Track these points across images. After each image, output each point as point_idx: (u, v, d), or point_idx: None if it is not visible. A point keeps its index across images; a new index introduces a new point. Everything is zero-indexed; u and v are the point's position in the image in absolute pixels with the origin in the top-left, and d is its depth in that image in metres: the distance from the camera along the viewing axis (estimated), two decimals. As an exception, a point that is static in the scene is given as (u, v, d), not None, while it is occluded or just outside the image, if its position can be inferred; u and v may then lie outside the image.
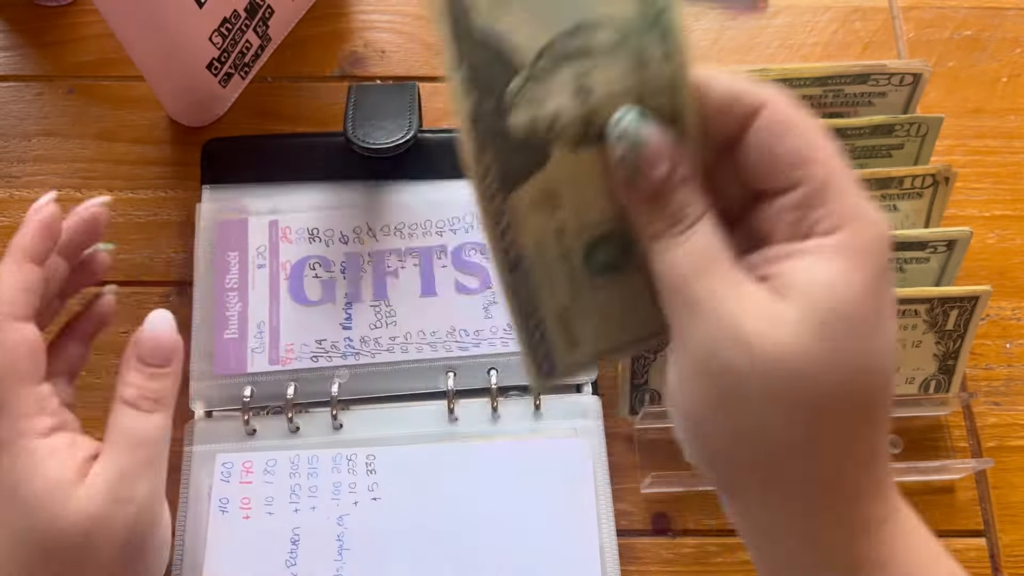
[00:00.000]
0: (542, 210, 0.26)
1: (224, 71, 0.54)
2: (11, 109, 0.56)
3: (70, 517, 0.33)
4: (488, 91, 0.24)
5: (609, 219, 0.27)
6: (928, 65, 0.47)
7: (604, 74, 0.24)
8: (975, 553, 0.47)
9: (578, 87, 0.24)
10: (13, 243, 0.36)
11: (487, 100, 0.24)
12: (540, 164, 0.25)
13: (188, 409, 0.48)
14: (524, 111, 0.24)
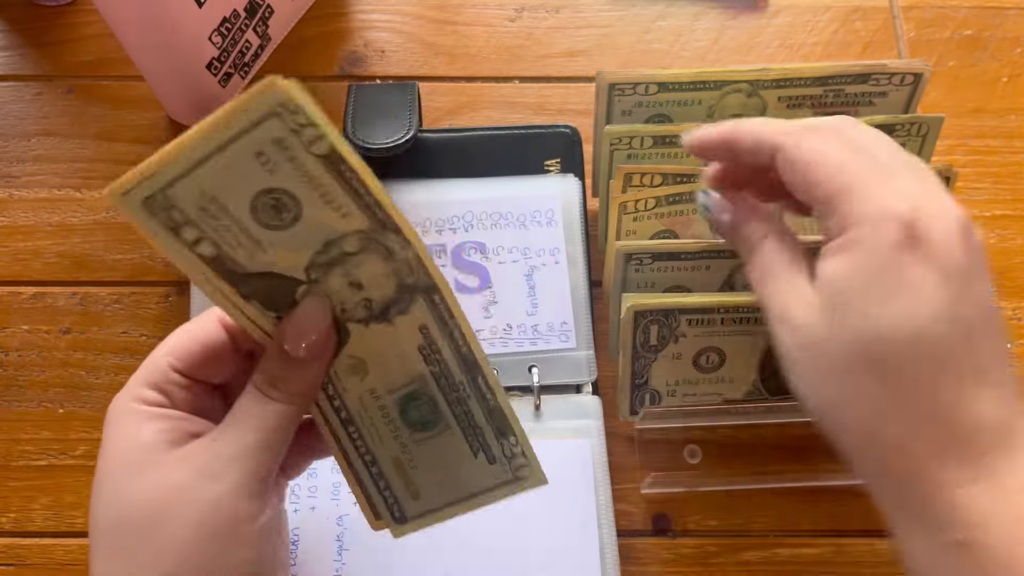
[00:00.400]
0: (355, 374, 0.33)
1: (224, 71, 0.54)
2: (11, 109, 0.56)
3: (148, 483, 0.30)
4: (281, 304, 0.31)
5: (411, 380, 0.33)
6: (929, 65, 0.47)
7: (365, 269, 0.30)
8: (976, 554, 0.47)
9: (349, 281, 0.31)
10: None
11: (283, 310, 0.31)
12: (344, 340, 0.32)
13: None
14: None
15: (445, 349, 0.33)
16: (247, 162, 0.27)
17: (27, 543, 0.47)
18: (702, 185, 0.39)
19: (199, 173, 0.27)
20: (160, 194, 0.27)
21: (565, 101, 0.57)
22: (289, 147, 0.27)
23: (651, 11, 0.59)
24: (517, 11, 0.59)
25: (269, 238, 0.29)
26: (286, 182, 0.28)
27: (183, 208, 0.28)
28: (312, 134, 0.27)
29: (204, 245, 0.29)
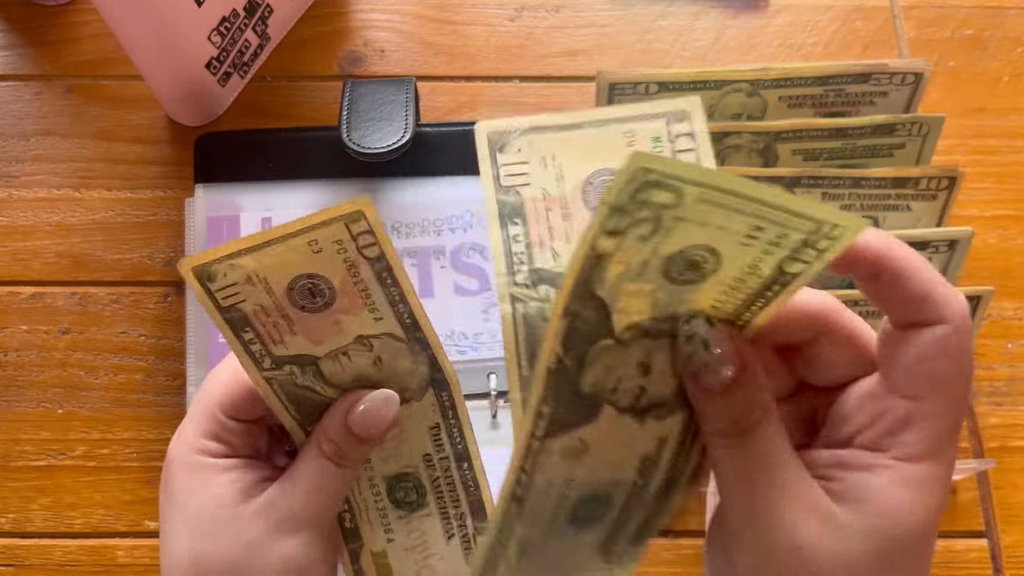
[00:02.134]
0: (569, 459, 0.28)
1: (223, 70, 0.54)
2: (10, 108, 0.56)
3: (227, 539, 0.32)
4: (576, 344, 0.26)
5: (612, 482, 0.29)
6: (929, 64, 0.47)
7: (663, 357, 0.27)
8: (976, 554, 0.47)
9: (641, 363, 0.27)
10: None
11: (571, 353, 0.26)
12: (589, 420, 0.27)
13: (186, 412, 0.47)
14: (597, 370, 0.26)
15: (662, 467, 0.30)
16: (301, 248, 0.29)
17: (26, 543, 0.47)
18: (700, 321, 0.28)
19: (258, 254, 0.28)
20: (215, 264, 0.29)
21: (565, 101, 0.57)
22: (346, 248, 0.28)
23: (651, 11, 0.59)
24: (517, 11, 0.59)
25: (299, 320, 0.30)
26: (327, 270, 0.29)
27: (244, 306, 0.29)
28: (368, 240, 0.28)
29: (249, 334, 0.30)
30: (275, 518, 0.32)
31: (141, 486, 0.48)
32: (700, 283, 0.25)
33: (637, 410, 0.28)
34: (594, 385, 0.27)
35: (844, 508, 0.24)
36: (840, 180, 0.46)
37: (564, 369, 0.26)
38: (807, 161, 0.48)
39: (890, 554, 0.24)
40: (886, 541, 0.24)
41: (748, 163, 0.48)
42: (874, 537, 0.24)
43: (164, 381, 0.50)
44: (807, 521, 0.24)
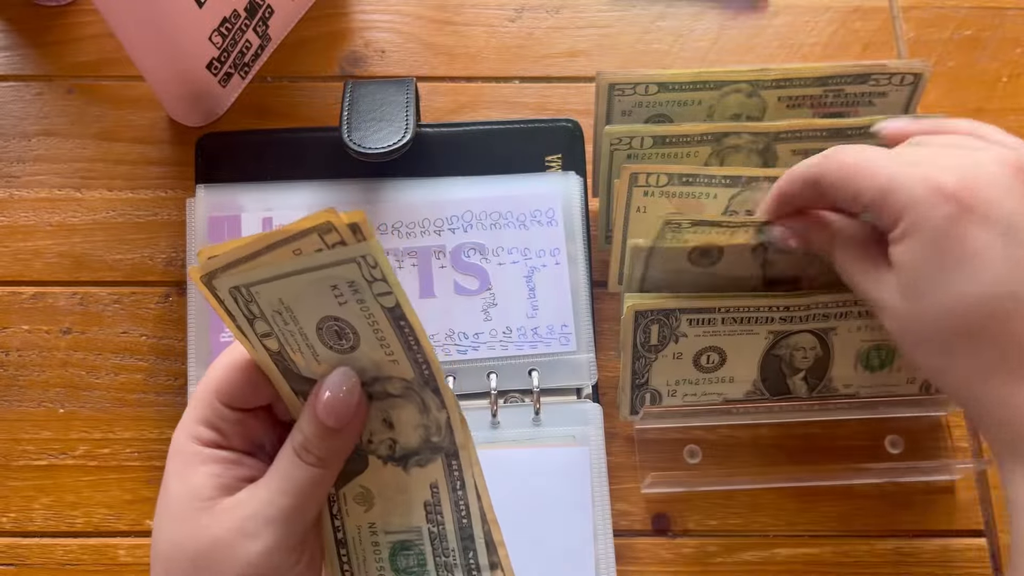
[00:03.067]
0: (361, 504, 0.34)
1: (224, 71, 0.54)
2: (11, 109, 0.56)
3: (193, 531, 0.32)
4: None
5: (408, 529, 0.34)
6: (928, 65, 0.47)
7: (401, 412, 0.32)
8: (976, 553, 0.47)
9: (384, 418, 0.32)
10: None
11: None
12: (360, 470, 0.33)
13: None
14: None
15: (447, 513, 0.34)
16: (323, 289, 0.29)
17: (27, 543, 0.47)
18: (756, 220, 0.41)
19: (282, 284, 0.29)
20: (246, 288, 0.30)
21: (565, 101, 0.57)
22: (360, 291, 0.29)
23: (651, 11, 0.59)
24: (517, 11, 0.59)
25: (326, 355, 0.31)
26: (351, 317, 0.30)
27: (261, 306, 0.30)
28: (382, 288, 0.29)
29: (271, 340, 0.31)
30: (240, 516, 0.32)
31: (142, 485, 0.48)
32: (359, 346, 0.31)
33: (396, 459, 0.33)
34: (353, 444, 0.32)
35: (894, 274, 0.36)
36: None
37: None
38: (806, 161, 0.48)
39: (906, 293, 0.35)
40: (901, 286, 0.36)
41: (747, 163, 0.48)
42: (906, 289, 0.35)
43: (165, 381, 0.50)
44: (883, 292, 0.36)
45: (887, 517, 0.48)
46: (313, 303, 0.30)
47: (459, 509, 0.34)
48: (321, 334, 0.31)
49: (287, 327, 0.30)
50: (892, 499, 0.48)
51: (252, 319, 0.30)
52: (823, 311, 0.45)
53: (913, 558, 0.47)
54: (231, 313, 0.30)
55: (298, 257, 0.29)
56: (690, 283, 0.44)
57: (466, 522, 0.34)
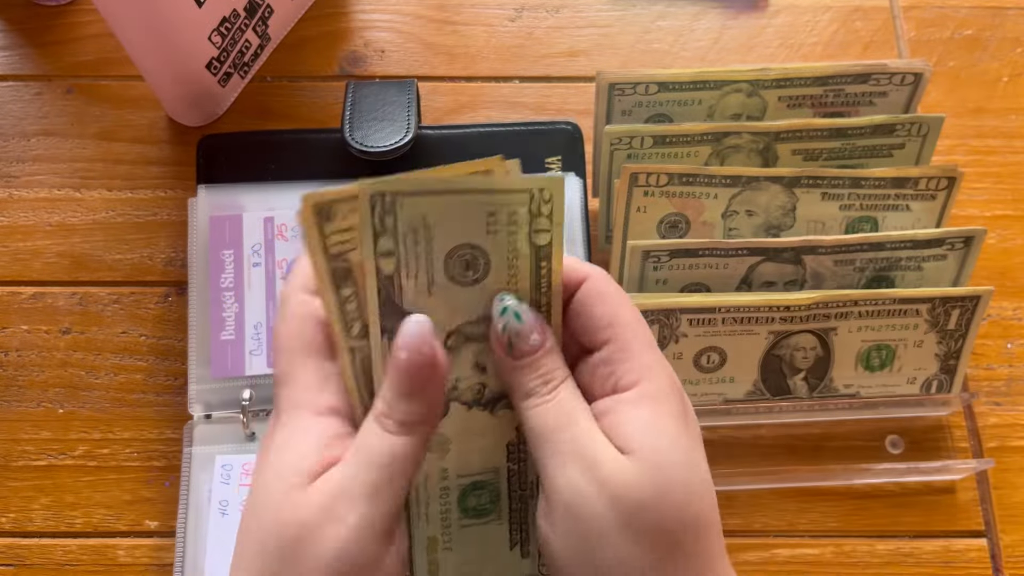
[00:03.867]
0: (434, 451, 0.32)
1: (223, 71, 0.54)
2: (10, 109, 0.56)
3: (284, 514, 0.29)
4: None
5: (485, 471, 0.33)
6: (929, 65, 0.47)
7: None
8: (976, 554, 0.47)
9: (476, 362, 0.31)
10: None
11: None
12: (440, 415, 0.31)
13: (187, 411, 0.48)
14: None
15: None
16: (477, 214, 0.29)
17: (27, 543, 0.47)
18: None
19: (436, 200, 0.28)
20: (391, 196, 0.28)
21: (565, 101, 0.57)
22: (517, 223, 0.29)
23: (651, 11, 0.59)
24: (517, 11, 0.59)
25: (443, 285, 0.30)
26: (493, 248, 0.29)
27: (399, 220, 0.29)
28: (543, 224, 0.29)
29: (389, 261, 0.29)
30: (327, 500, 0.29)
31: (142, 486, 0.48)
32: (485, 280, 0.30)
33: (483, 403, 0.32)
34: None
35: (620, 446, 0.29)
36: (839, 180, 0.46)
37: None
38: (807, 161, 0.48)
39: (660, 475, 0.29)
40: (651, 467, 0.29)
41: (748, 163, 0.48)
42: (644, 466, 0.29)
43: (165, 381, 0.50)
44: (603, 460, 0.29)
45: (887, 517, 0.48)
46: (458, 227, 0.29)
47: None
48: (450, 262, 0.29)
49: (416, 247, 0.29)
50: (892, 499, 0.48)
51: (378, 234, 0.28)
52: (824, 311, 0.45)
53: (913, 558, 0.47)
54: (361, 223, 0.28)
55: (468, 177, 0.28)
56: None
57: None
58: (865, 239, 0.46)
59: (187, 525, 0.45)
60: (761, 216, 0.47)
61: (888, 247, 0.46)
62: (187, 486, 0.46)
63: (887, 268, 0.47)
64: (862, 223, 0.48)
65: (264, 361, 0.48)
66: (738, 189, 0.46)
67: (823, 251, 0.46)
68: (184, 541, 0.45)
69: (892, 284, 0.47)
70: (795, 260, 0.46)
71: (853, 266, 0.46)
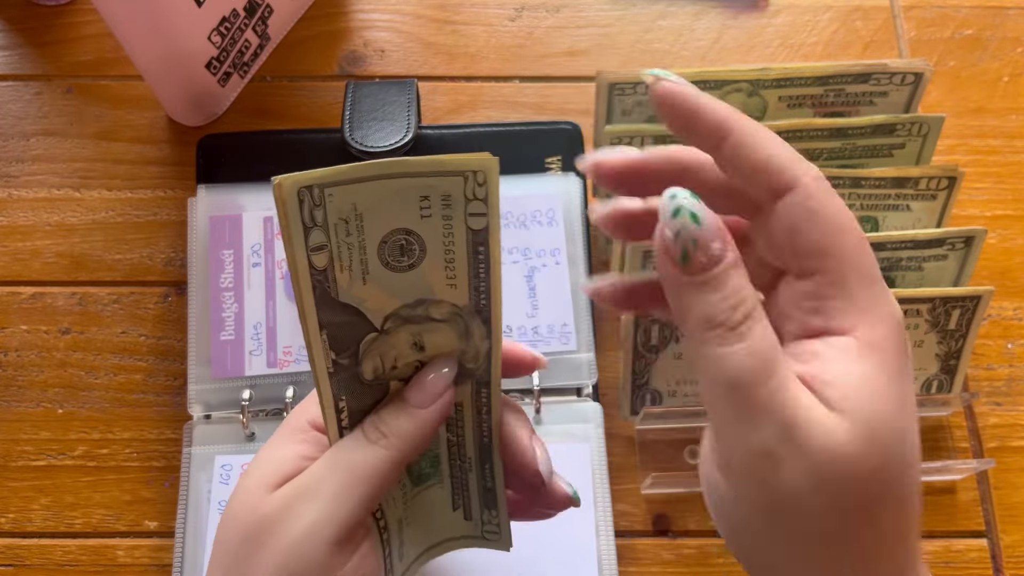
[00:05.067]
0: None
1: (223, 70, 0.54)
2: (10, 109, 0.56)
3: (249, 509, 0.30)
4: (346, 345, 0.30)
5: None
6: (929, 64, 0.47)
7: (436, 336, 0.31)
8: (976, 554, 0.47)
9: (414, 342, 0.31)
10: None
11: (344, 353, 0.30)
12: (379, 399, 0.32)
13: (186, 412, 0.47)
14: (373, 359, 0.31)
15: (468, 430, 0.34)
16: (409, 199, 0.28)
17: (26, 543, 0.47)
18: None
19: (365, 187, 0.28)
20: (319, 189, 0.27)
21: (565, 101, 0.57)
22: (452, 206, 0.28)
23: (651, 11, 0.59)
24: (517, 11, 0.59)
25: (378, 273, 0.29)
26: (427, 232, 0.29)
27: (328, 212, 0.28)
28: (478, 208, 0.28)
29: (321, 255, 0.28)
30: (292, 492, 0.30)
31: (141, 486, 0.48)
32: (421, 265, 0.29)
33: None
34: (374, 371, 0.31)
35: (826, 406, 0.24)
36: (840, 180, 0.46)
37: (342, 368, 0.30)
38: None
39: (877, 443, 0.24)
40: (867, 433, 0.24)
41: (748, 163, 0.48)
42: (858, 431, 0.24)
43: (164, 381, 0.50)
44: (804, 423, 0.24)
45: None
46: (390, 213, 0.28)
47: (480, 429, 0.34)
48: (384, 248, 0.29)
49: (347, 239, 0.28)
50: (893, 499, 0.48)
51: (310, 228, 0.28)
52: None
53: (914, 559, 0.47)
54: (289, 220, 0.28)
55: (397, 161, 0.27)
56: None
57: (486, 440, 0.34)
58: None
59: (186, 525, 0.45)
60: (761, 216, 0.47)
61: (888, 247, 0.46)
62: (187, 486, 0.46)
63: (887, 268, 0.47)
64: (862, 223, 0.48)
65: (264, 361, 0.48)
66: (738, 189, 0.46)
67: (823, 251, 0.46)
68: (183, 541, 0.45)
69: (892, 284, 0.47)
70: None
71: (853, 266, 0.46)
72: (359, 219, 0.28)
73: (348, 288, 0.29)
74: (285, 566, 0.29)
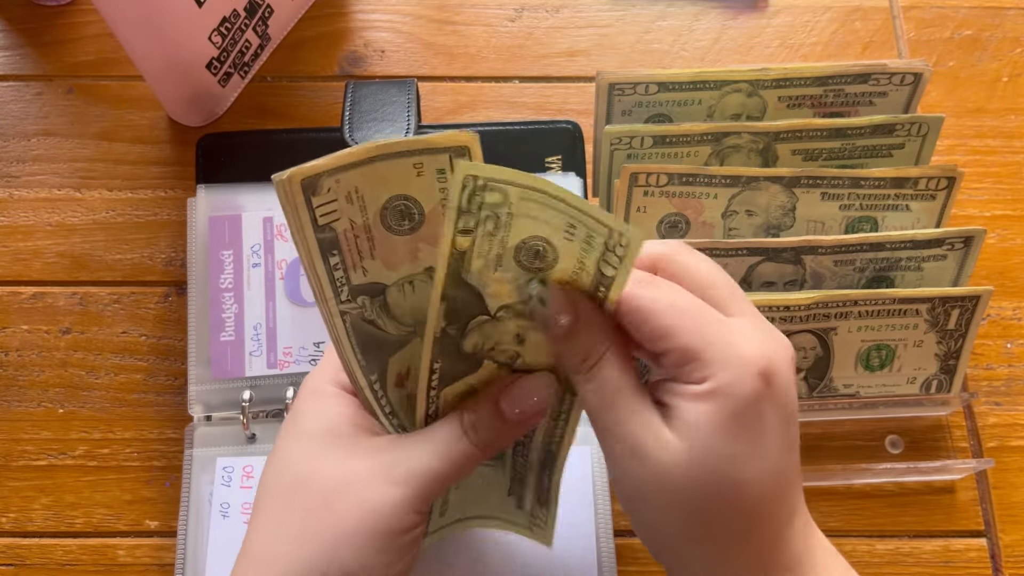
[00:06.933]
0: (461, 400, 0.35)
1: (223, 70, 0.54)
2: (10, 109, 0.56)
3: (332, 461, 0.33)
4: (458, 319, 0.32)
5: None
6: (928, 65, 0.47)
7: (538, 335, 0.33)
8: (976, 553, 0.47)
9: (518, 334, 0.33)
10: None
11: (454, 325, 0.32)
12: (471, 371, 0.34)
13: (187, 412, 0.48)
14: (476, 337, 0.33)
15: (539, 434, 0.36)
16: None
17: (27, 543, 0.47)
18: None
19: (522, 191, 0.29)
20: (482, 181, 0.29)
21: (565, 101, 0.57)
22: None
23: (651, 11, 0.59)
24: (517, 11, 0.59)
25: (508, 268, 0.31)
26: (559, 242, 0.30)
27: (484, 207, 0.30)
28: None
29: (465, 239, 0.30)
30: (386, 461, 0.32)
31: (142, 485, 0.48)
32: (549, 271, 0.31)
33: (513, 368, 0.34)
34: (474, 347, 0.33)
35: (668, 426, 0.31)
36: (839, 180, 0.46)
37: (448, 336, 0.32)
38: (806, 161, 0.48)
39: (704, 464, 0.30)
40: (697, 454, 0.30)
41: (747, 163, 0.48)
42: (689, 451, 0.30)
43: (165, 381, 0.50)
44: (653, 443, 0.31)
45: (887, 517, 0.48)
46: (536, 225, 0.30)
47: (552, 436, 0.36)
48: (521, 251, 0.31)
49: (493, 233, 0.30)
50: (892, 499, 0.48)
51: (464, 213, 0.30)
52: (823, 311, 0.45)
53: (913, 558, 0.47)
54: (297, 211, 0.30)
55: (391, 146, 0.30)
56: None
57: (553, 448, 0.36)
58: (865, 239, 0.46)
59: (188, 527, 0.45)
60: (761, 216, 0.47)
61: (888, 247, 0.46)
62: (188, 488, 0.46)
63: (887, 268, 0.47)
64: (862, 223, 0.48)
65: (264, 362, 0.48)
66: (738, 189, 0.46)
67: (823, 251, 0.46)
68: (185, 543, 0.45)
69: (892, 284, 0.47)
70: (795, 260, 0.46)
71: (853, 266, 0.46)
72: (509, 222, 0.30)
73: (478, 273, 0.31)
74: (373, 521, 0.32)
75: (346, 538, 0.31)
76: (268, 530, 0.33)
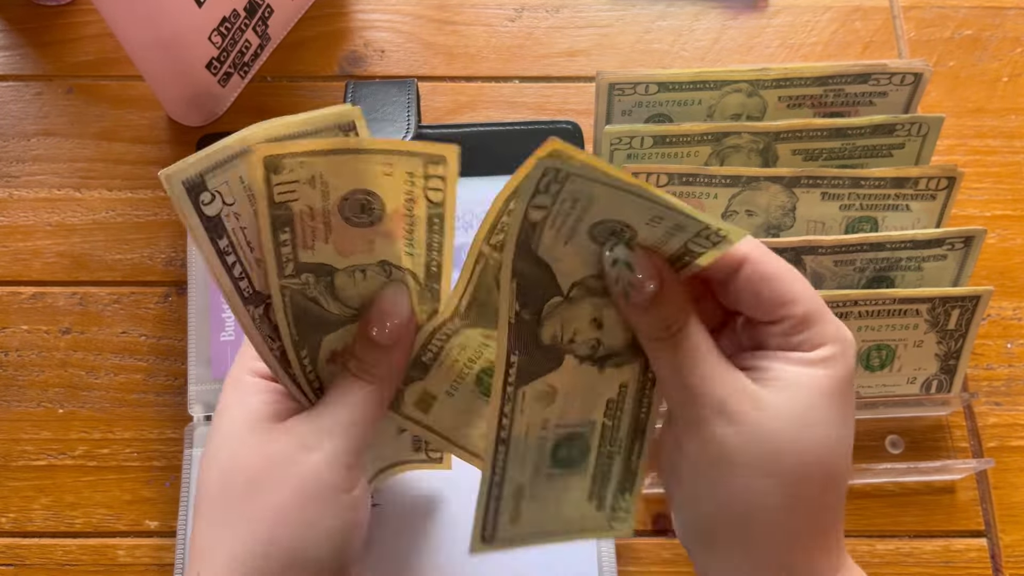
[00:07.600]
0: (541, 402, 0.33)
1: (223, 70, 0.54)
2: (10, 109, 0.56)
3: (253, 449, 0.33)
4: (532, 301, 0.30)
5: (581, 424, 0.34)
6: (929, 65, 0.47)
7: (612, 314, 0.31)
8: (976, 553, 0.47)
9: (594, 318, 0.32)
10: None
11: (528, 309, 0.30)
12: (552, 369, 0.32)
13: (187, 412, 0.48)
14: (554, 324, 0.31)
15: (628, 411, 0.35)
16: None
17: (27, 543, 0.47)
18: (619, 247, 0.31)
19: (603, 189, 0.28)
20: (563, 173, 0.28)
21: (565, 101, 0.57)
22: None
23: (651, 11, 0.59)
24: (517, 11, 0.59)
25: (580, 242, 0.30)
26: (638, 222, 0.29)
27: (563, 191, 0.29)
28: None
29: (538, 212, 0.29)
30: (300, 433, 0.33)
31: (142, 486, 0.48)
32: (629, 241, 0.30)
33: (596, 359, 0.32)
34: (552, 337, 0.31)
35: (761, 385, 0.30)
36: (839, 180, 0.46)
37: (523, 322, 0.31)
38: (807, 161, 0.48)
39: (810, 419, 0.30)
40: (802, 408, 0.30)
41: (748, 163, 0.48)
42: (792, 406, 0.30)
43: (165, 381, 0.50)
44: (733, 395, 0.30)
45: (887, 517, 0.48)
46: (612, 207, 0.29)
47: (641, 406, 0.34)
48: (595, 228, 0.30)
49: (569, 210, 0.29)
50: (892, 499, 0.48)
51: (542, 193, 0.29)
52: (823, 311, 0.45)
53: (913, 558, 0.47)
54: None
55: (380, 145, 0.31)
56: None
57: (643, 417, 0.35)
58: (865, 239, 0.46)
59: (188, 527, 0.45)
60: (761, 216, 0.47)
61: (888, 247, 0.46)
62: (188, 488, 0.46)
63: (887, 268, 0.47)
64: (862, 223, 0.48)
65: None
66: (738, 189, 0.46)
67: (823, 251, 0.46)
68: (185, 543, 0.45)
69: (892, 284, 0.47)
70: (795, 260, 0.46)
71: (853, 266, 0.46)
72: (587, 205, 0.29)
73: (550, 245, 0.30)
74: (302, 491, 0.33)
75: (281, 517, 0.32)
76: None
